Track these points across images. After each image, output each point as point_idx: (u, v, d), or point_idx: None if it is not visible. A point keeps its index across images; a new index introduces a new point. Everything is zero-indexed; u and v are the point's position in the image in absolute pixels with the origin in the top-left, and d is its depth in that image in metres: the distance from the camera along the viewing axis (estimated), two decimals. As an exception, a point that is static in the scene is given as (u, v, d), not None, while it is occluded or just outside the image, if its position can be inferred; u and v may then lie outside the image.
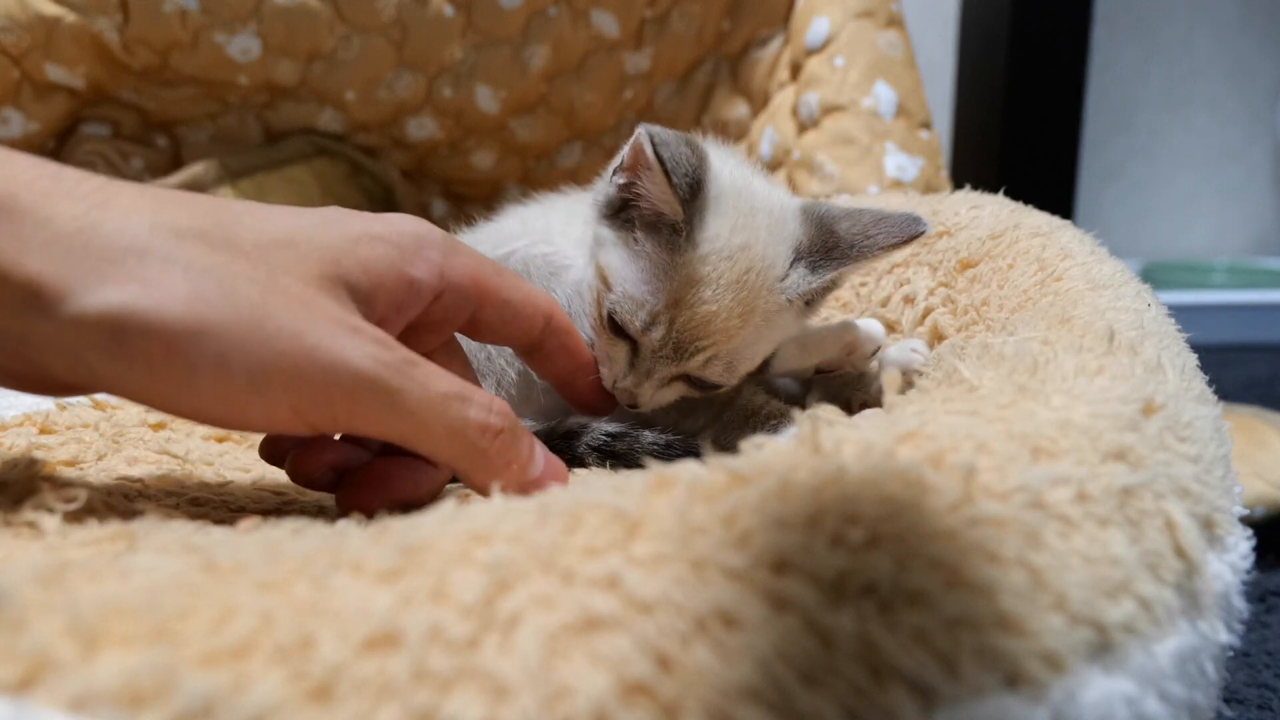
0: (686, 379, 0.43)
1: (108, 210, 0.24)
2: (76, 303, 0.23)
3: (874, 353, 0.46)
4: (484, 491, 0.30)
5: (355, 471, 0.32)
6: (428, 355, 0.31)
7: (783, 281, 0.41)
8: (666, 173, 0.38)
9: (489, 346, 0.46)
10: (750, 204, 0.42)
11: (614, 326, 0.42)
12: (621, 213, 0.43)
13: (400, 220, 0.31)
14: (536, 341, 0.37)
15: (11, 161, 0.24)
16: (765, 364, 0.45)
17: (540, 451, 0.32)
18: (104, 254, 0.24)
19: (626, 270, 0.41)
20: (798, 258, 0.42)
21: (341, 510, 0.32)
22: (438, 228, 0.32)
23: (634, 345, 0.42)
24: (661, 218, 0.41)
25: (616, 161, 0.43)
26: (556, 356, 0.38)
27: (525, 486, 0.31)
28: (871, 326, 0.46)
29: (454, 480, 0.35)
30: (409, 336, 0.32)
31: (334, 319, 0.27)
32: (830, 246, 0.42)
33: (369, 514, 0.29)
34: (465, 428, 0.29)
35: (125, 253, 0.24)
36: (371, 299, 0.29)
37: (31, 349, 0.24)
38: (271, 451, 0.34)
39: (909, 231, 0.42)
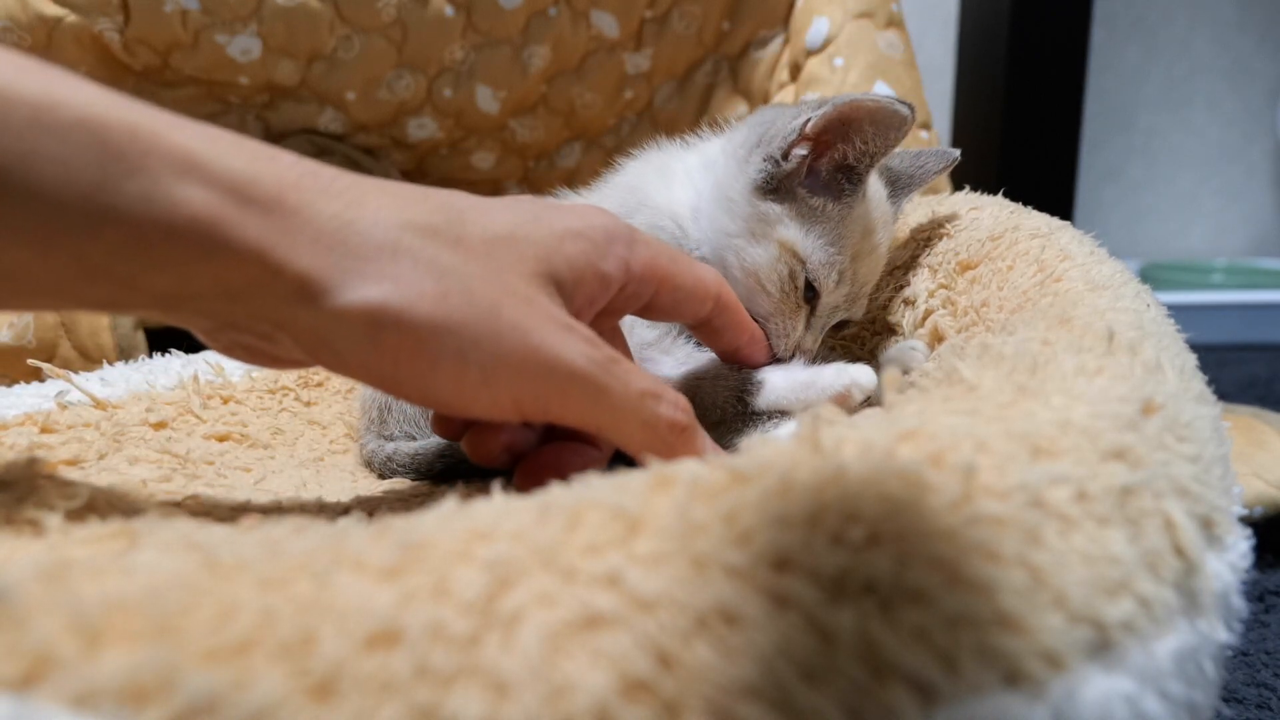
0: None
1: (362, 209, 0.27)
2: (340, 297, 0.26)
3: (864, 401, 0.44)
4: None
5: (531, 458, 0.35)
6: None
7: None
8: (913, 112, 0.42)
9: None
10: (883, 206, 0.48)
11: (808, 295, 0.45)
12: (783, 185, 0.46)
13: (590, 214, 0.33)
14: (705, 319, 0.39)
15: (276, 159, 0.26)
16: (751, 398, 0.44)
17: (710, 444, 0.35)
18: (361, 252, 0.26)
19: (810, 238, 0.45)
20: None
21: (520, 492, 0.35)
22: (619, 219, 0.35)
23: (812, 307, 0.46)
24: (845, 174, 0.45)
25: (790, 135, 0.44)
26: (724, 331, 0.40)
27: None
28: (862, 374, 0.43)
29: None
30: (590, 320, 0.35)
31: (551, 317, 0.29)
32: (893, 181, 0.49)
33: None
34: (657, 423, 0.31)
35: (379, 251, 0.26)
36: (573, 294, 0.32)
37: (287, 332, 0.27)
38: (445, 428, 0.36)
39: (946, 159, 0.50)
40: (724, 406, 0.44)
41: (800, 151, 0.44)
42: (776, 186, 0.45)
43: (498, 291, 0.28)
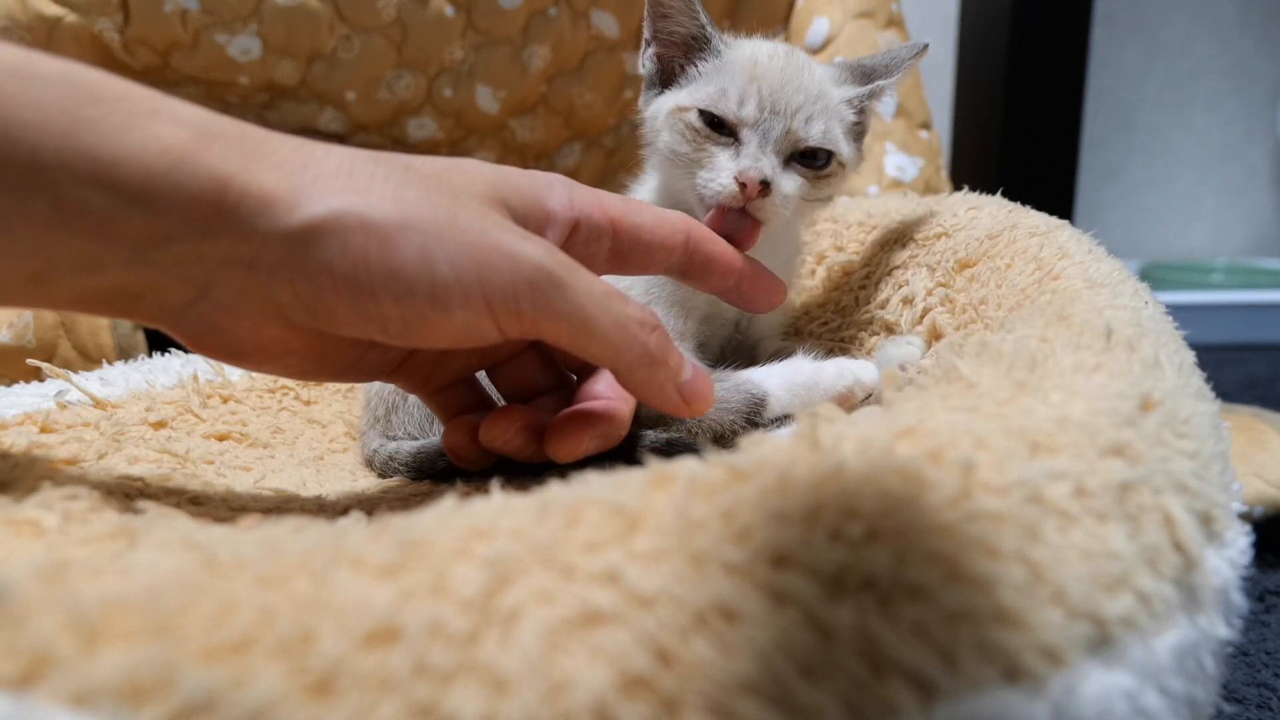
0: (800, 160, 0.47)
1: (314, 146, 0.29)
2: (304, 210, 0.27)
3: (865, 399, 0.44)
4: (644, 393, 0.33)
5: (554, 423, 0.35)
6: None
7: (838, 87, 0.50)
8: None
9: None
10: (774, 47, 0.50)
11: (710, 123, 0.46)
12: (665, 80, 0.51)
13: (531, 171, 0.35)
14: (684, 260, 0.39)
15: (239, 121, 0.28)
16: (758, 418, 0.44)
17: (688, 359, 0.35)
18: (319, 172, 0.28)
19: (696, 89, 0.48)
20: (843, 82, 0.51)
21: (552, 459, 0.35)
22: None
23: (734, 138, 0.46)
24: (693, 42, 0.50)
25: (644, 49, 0.52)
26: (709, 268, 0.40)
27: (681, 387, 0.34)
28: (864, 371, 0.44)
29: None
30: None
31: (507, 226, 0.30)
32: (866, 73, 0.52)
33: (580, 454, 0.35)
34: (627, 321, 0.32)
35: (336, 171, 0.28)
36: (524, 224, 0.33)
37: (260, 275, 0.28)
38: (455, 440, 0.37)
39: (915, 49, 0.52)
40: (731, 429, 0.44)
41: (651, 52, 0.52)
42: (664, 84, 0.52)
43: (451, 201, 0.29)
